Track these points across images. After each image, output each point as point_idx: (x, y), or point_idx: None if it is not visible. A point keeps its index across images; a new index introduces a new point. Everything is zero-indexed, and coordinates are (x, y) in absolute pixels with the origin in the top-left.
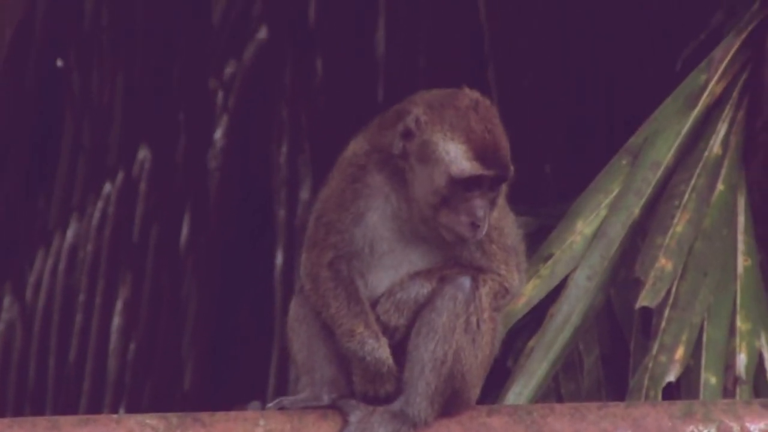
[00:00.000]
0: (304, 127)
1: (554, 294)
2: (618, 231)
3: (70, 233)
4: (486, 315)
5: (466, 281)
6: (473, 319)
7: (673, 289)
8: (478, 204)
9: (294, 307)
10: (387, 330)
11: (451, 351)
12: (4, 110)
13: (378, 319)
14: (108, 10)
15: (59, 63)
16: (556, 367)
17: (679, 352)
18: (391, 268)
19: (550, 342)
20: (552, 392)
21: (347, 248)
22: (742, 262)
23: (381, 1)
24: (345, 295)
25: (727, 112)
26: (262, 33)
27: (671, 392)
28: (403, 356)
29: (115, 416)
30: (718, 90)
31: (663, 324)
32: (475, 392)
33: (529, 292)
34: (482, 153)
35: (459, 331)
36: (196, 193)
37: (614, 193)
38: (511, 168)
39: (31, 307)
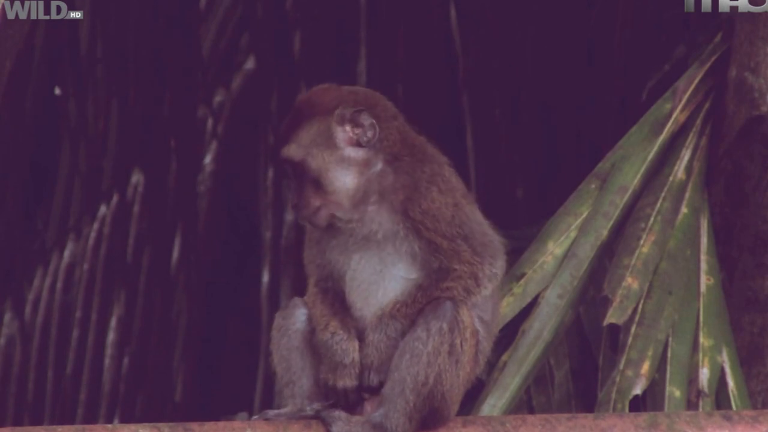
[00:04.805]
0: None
1: (526, 311)
2: (587, 252)
3: (67, 253)
4: (468, 333)
5: (447, 309)
6: (457, 341)
7: (640, 307)
8: (291, 187)
9: (276, 322)
10: (370, 371)
11: (433, 374)
12: (5, 136)
13: (361, 365)
14: (103, 42)
15: (57, 91)
16: (529, 380)
17: (645, 367)
18: (371, 295)
19: (522, 357)
20: (524, 404)
21: (323, 274)
22: (704, 281)
23: (362, 34)
24: (330, 301)
25: (691, 139)
26: (250, 63)
27: (637, 405)
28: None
29: (109, 426)
30: (682, 118)
31: (630, 340)
32: (454, 408)
33: (502, 310)
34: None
35: (443, 355)
36: (186, 215)
37: (583, 216)
38: (281, 152)
39: (30, 323)
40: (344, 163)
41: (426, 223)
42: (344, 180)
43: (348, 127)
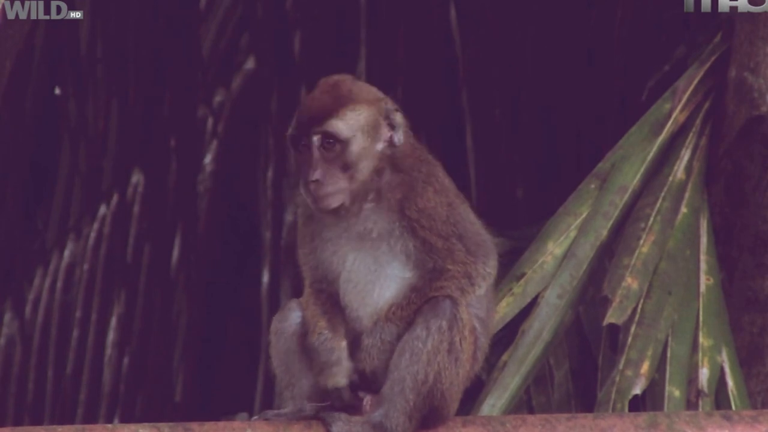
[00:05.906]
0: (288, 152)
1: (526, 311)
2: (587, 252)
3: (67, 253)
4: (467, 331)
5: (446, 307)
6: (456, 339)
7: (639, 307)
8: (311, 162)
9: (273, 326)
10: (367, 376)
11: (433, 372)
12: (5, 136)
13: (356, 368)
14: (103, 42)
15: (57, 91)
16: (528, 380)
17: (645, 367)
18: (367, 295)
19: (522, 357)
20: (524, 404)
21: (317, 276)
22: (704, 281)
23: (362, 34)
24: (321, 302)
25: (691, 139)
26: (250, 63)
27: (637, 404)
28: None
29: (110, 426)
30: (682, 118)
31: (629, 340)
32: (454, 407)
33: (502, 310)
34: (299, 116)
35: (443, 354)
36: (186, 214)
37: (583, 216)
38: (326, 124)
39: (30, 322)
40: (375, 158)
41: (422, 221)
42: (367, 173)
43: (386, 124)
